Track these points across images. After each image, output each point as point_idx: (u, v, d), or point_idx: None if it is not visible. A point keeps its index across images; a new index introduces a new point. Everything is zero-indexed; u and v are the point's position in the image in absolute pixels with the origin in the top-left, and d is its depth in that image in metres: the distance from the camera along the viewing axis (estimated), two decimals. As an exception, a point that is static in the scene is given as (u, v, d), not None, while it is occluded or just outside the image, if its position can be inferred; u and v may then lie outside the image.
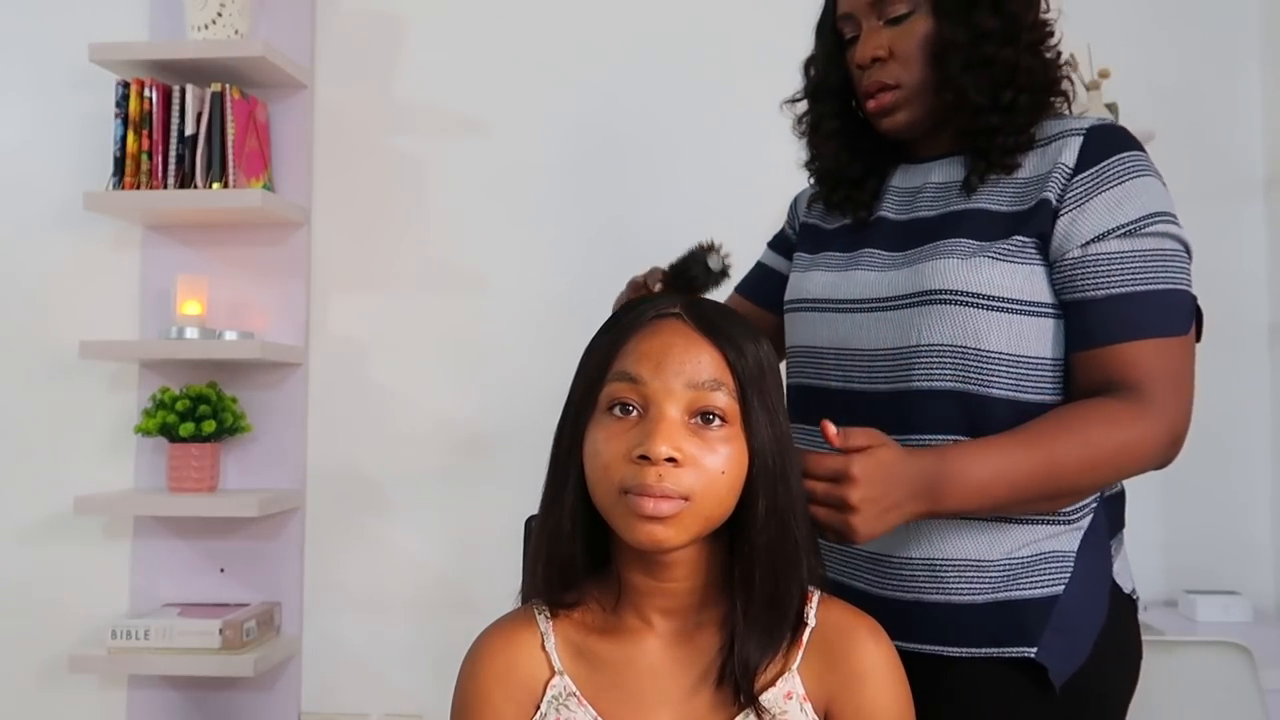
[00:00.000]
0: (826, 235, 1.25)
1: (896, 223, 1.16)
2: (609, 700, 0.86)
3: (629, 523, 0.80)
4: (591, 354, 0.87)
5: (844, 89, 1.20)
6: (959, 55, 1.08)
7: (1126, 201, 1.03)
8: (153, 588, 2.33)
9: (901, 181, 1.20)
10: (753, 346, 0.85)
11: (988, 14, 1.09)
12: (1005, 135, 1.08)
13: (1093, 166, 1.04)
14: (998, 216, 1.07)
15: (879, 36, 1.12)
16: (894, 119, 1.14)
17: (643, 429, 0.80)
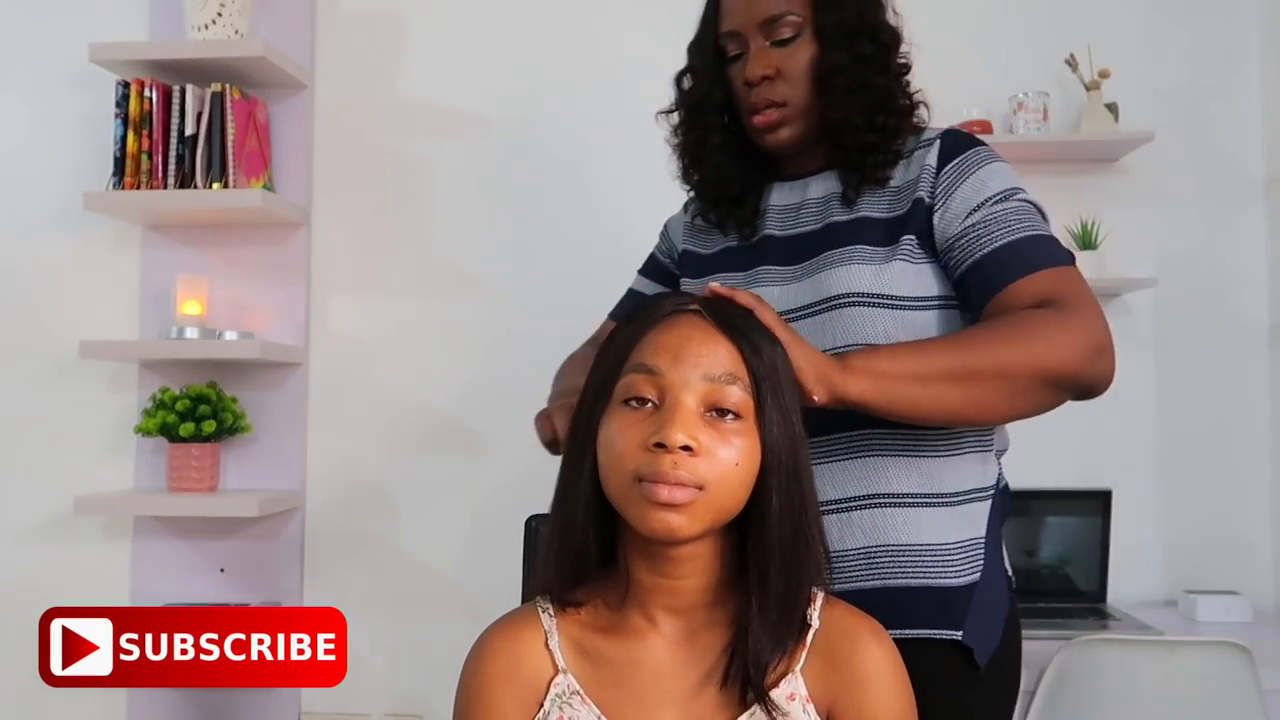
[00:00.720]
0: (712, 259, 1.27)
1: (783, 239, 1.21)
2: (612, 698, 0.86)
3: (642, 510, 0.80)
4: (608, 347, 0.88)
5: (725, 105, 1.23)
6: (842, 79, 1.16)
7: (988, 182, 1.13)
8: (153, 588, 2.33)
9: (780, 199, 1.24)
10: (768, 346, 0.86)
11: (866, 43, 1.17)
12: (878, 153, 1.17)
13: (951, 161, 1.15)
14: (882, 223, 1.16)
15: (767, 56, 1.16)
16: (778, 135, 1.19)
17: (659, 418, 0.81)
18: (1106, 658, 1.78)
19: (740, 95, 1.19)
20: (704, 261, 1.28)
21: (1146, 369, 2.41)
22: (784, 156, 1.23)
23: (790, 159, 1.24)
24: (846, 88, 1.15)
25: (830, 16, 1.16)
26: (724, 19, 1.20)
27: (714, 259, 1.27)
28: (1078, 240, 2.34)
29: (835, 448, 1.11)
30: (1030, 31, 2.44)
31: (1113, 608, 2.22)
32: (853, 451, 1.11)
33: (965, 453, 1.16)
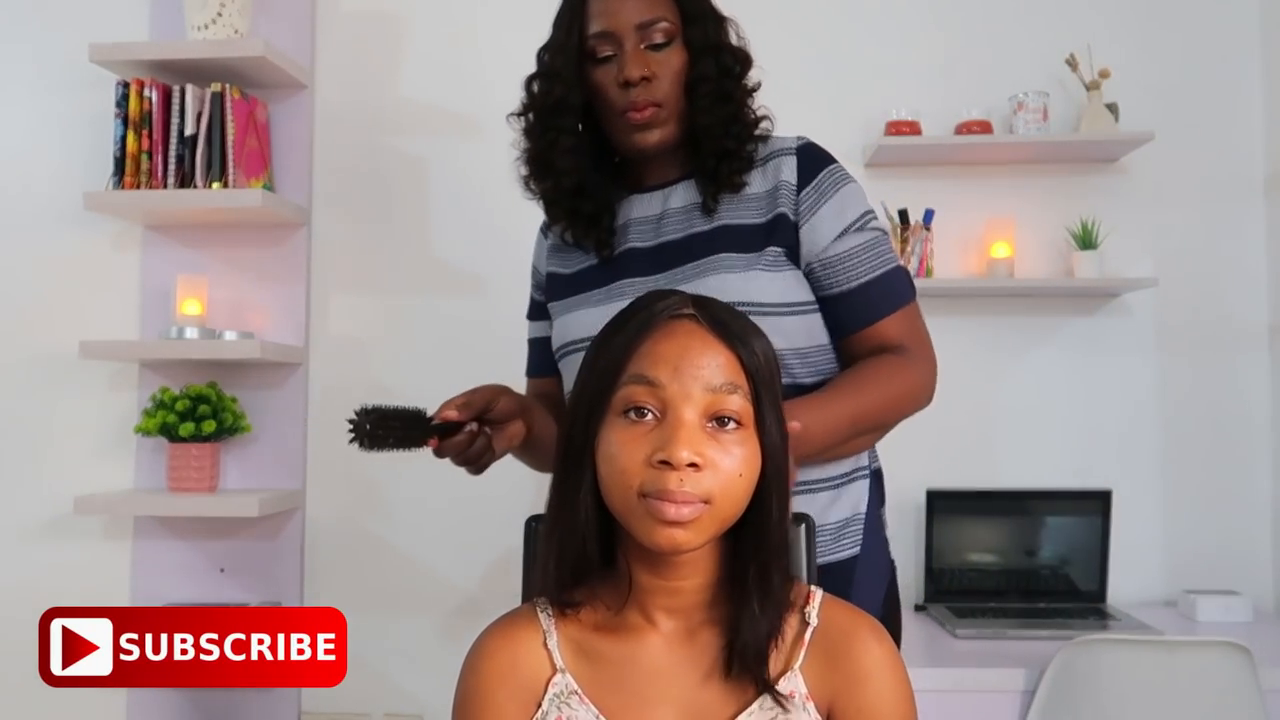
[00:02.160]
0: (574, 279, 1.29)
1: (646, 250, 1.25)
2: (611, 698, 0.86)
3: (649, 526, 0.80)
4: (601, 354, 0.87)
5: (582, 110, 1.24)
6: (709, 87, 1.22)
7: (847, 205, 1.24)
8: (153, 588, 2.33)
9: (639, 211, 1.28)
10: (761, 345, 0.86)
11: (728, 56, 1.25)
12: (734, 160, 1.22)
13: (811, 181, 1.23)
14: (746, 230, 1.21)
15: (644, 58, 1.20)
16: (651, 135, 1.22)
17: (661, 433, 0.80)
18: (1106, 658, 1.78)
19: (612, 96, 1.21)
20: (568, 281, 1.30)
21: (1146, 369, 2.41)
22: (642, 163, 1.27)
23: (648, 169, 1.27)
24: (713, 96, 1.22)
25: (697, 29, 1.23)
26: (594, 20, 1.22)
27: (577, 278, 1.29)
28: (1078, 240, 2.34)
29: None
30: (1030, 31, 2.44)
31: (1113, 608, 2.22)
32: None
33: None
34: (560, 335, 1.29)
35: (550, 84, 1.25)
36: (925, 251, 2.33)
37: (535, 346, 1.42)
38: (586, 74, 1.23)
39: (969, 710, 1.82)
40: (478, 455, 1.15)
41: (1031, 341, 2.43)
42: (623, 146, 1.25)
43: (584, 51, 1.23)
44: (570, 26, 1.24)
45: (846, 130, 2.44)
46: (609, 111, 1.23)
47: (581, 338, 1.23)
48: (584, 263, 1.29)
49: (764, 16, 2.47)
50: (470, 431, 1.14)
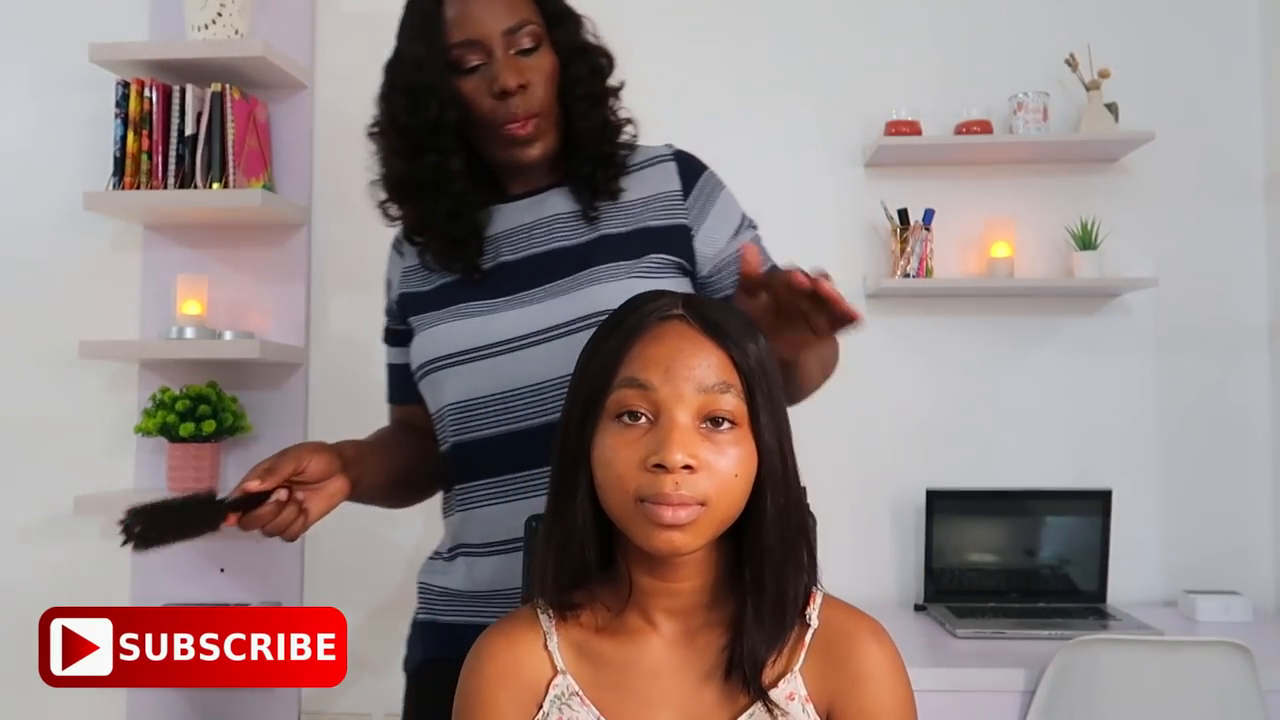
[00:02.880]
0: (437, 295, 1.21)
1: (519, 261, 1.19)
2: (611, 700, 0.85)
3: (646, 530, 0.80)
4: (593, 358, 0.86)
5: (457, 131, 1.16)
6: (584, 89, 1.18)
7: (729, 210, 1.25)
8: (153, 588, 2.33)
9: (510, 222, 1.21)
10: (753, 345, 0.85)
11: (595, 57, 1.21)
12: (610, 166, 1.19)
13: (694, 187, 1.22)
14: (625, 238, 1.17)
15: (516, 65, 1.13)
16: (533, 149, 1.16)
17: (655, 437, 0.80)
18: (1106, 658, 1.78)
19: (487, 108, 1.14)
20: (430, 298, 1.21)
21: (1147, 369, 2.41)
22: (510, 171, 1.21)
23: (518, 178, 1.22)
24: (589, 100, 1.18)
25: (562, 30, 1.18)
26: (456, 29, 1.13)
27: (441, 294, 1.20)
28: (1078, 240, 2.34)
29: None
30: (1030, 31, 2.44)
31: (1113, 608, 2.22)
32: None
33: None
34: (423, 352, 1.20)
35: (422, 101, 1.14)
36: (925, 251, 2.34)
37: (395, 373, 1.31)
38: (453, 87, 1.15)
39: (969, 710, 1.82)
40: (286, 524, 1.07)
41: (1031, 341, 2.43)
42: (500, 160, 1.18)
43: (448, 63, 1.14)
44: (430, 37, 1.15)
45: (846, 130, 2.45)
46: (484, 125, 1.15)
47: (450, 353, 1.17)
48: (444, 279, 1.21)
49: (764, 17, 2.48)
50: (278, 501, 1.06)
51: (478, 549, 1.19)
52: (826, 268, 1.13)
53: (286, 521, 1.07)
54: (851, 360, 2.53)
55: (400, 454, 1.25)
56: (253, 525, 1.05)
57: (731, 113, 2.46)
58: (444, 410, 1.19)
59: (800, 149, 2.45)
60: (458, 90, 1.14)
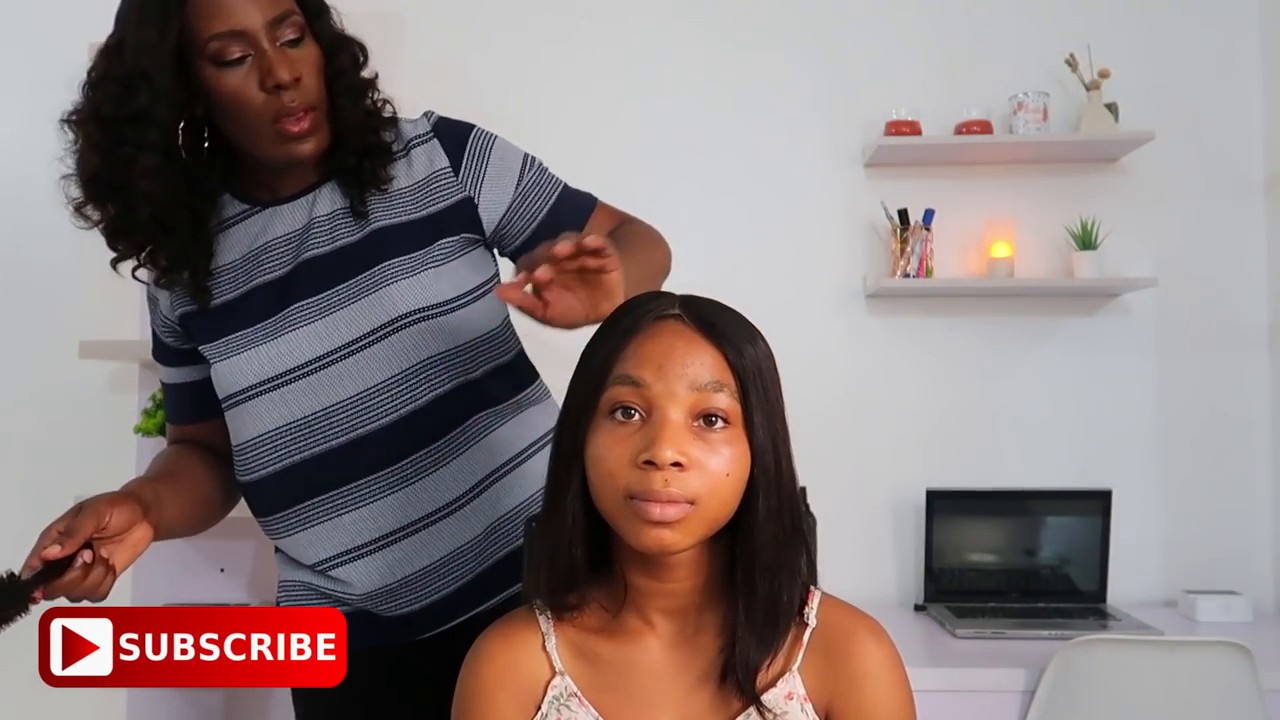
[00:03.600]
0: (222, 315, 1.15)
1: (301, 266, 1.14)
2: (610, 700, 0.86)
3: (635, 528, 0.80)
4: (590, 357, 0.86)
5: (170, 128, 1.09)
6: (348, 81, 1.14)
7: (507, 157, 1.21)
8: (153, 588, 2.33)
9: (285, 226, 1.16)
10: (750, 346, 0.85)
11: (355, 47, 1.17)
12: (377, 155, 1.16)
13: (462, 157, 1.19)
14: (406, 228, 1.15)
15: (286, 57, 1.07)
16: (307, 145, 1.10)
17: (646, 434, 0.80)
18: (1106, 658, 1.78)
19: (257, 103, 1.07)
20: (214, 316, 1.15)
21: (1146, 369, 2.41)
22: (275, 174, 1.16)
23: (280, 178, 1.17)
24: (353, 91, 1.14)
25: (320, 22, 1.14)
26: (215, 19, 1.05)
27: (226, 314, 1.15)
28: (1077, 240, 2.34)
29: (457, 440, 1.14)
30: (1030, 31, 2.44)
31: (1113, 608, 2.22)
32: (472, 437, 1.15)
33: (544, 397, 1.25)
34: (227, 382, 1.14)
35: (130, 89, 1.05)
36: (925, 251, 2.34)
37: (178, 392, 1.25)
38: (198, 78, 1.07)
39: (969, 710, 1.82)
40: (95, 586, 0.98)
41: (1031, 341, 2.43)
42: (271, 157, 1.12)
43: (197, 53, 1.06)
44: (164, 24, 1.05)
45: (846, 130, 2.45)
46: (251, 119, 1.08)
47: (253, 384, 1.13)
48: (225, 295, 1.15)
49: (765, 18, 2.48)
50: (84, 564, 0.97)
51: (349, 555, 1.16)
52: (827, 267, 1.13)
53: (95, 583, 0.99)
54: (852, 360, 2.55)
55: (196, 485, 1.20)
56: (58, 593, 0.97)
57: (732, 113, 2.46)
58: (263, 437, 1.14)
59: (800, 149, 2.45)
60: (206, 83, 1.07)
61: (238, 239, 1.18)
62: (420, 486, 1.13)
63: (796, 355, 1.42)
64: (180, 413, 1.27)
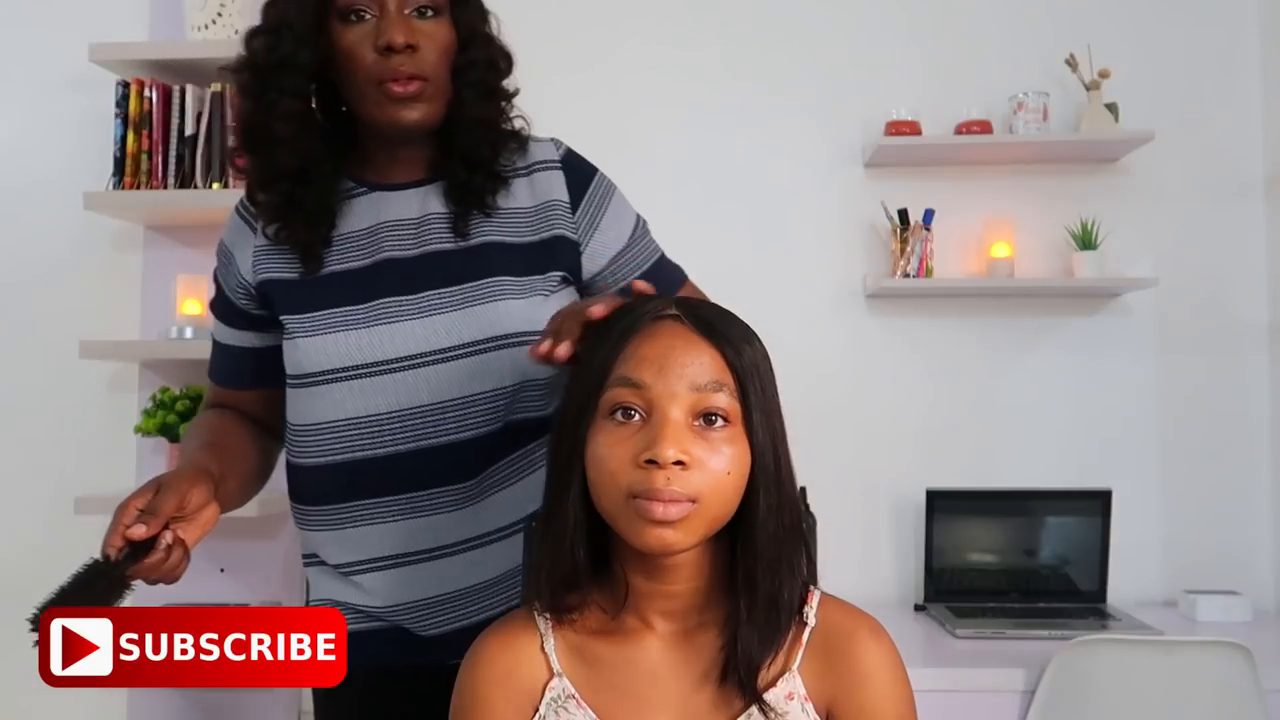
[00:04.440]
0: (314, 290, 1.11)
1: (407, 260, 1.11)
2: (609, 702, 0.85)
3: (637, 527, 0.80)
4: (588, 359, 0.87)
5: (312, 73, 1.08)
6: (478, 75, 1.11)
7: (622, 216, 1.20)
8: (153, 587, 2.31)
9: (395, 212, 1.13)
10: (748, 346, 0.85)
11: (494, 51, 1.15)
12: (486, 175, 1.12)
13: (582, 198, 1.17)
14: (519, 249, 1.12)
15: (408, 24, 1.06)
16: (411, 111, 1.07)
17: (648, 433, 0.80)
18: (1106, 658, 1.78)
19: (368, 61, 1.06)
20: (308, 294, 1.11)
21: (1146, 369, 2.41)
22: (386, 156, 1.13)
23: (394, 163, 1.14)
24: (480, 88, 1.11)
25: (465, 11, 1.12)
26: None
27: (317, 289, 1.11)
28: (1077, 240, 2.34)
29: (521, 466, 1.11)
30: (1030, 31, 2.44)
31: (1113, 608, 2.22)
32: (527, 467, 1.11)
33: None
34: (309, 361, 1.10)
35: (278, 37, 1.06)
36: (925, 251, 2.34)
37: (233, 355, 1.21)
38: (330, 34, 1.07)
39: (969, 710, 1.82)
40: (175, 567, 0.96)
41: (1031, 341, 2.43)
42: (375, 121, 1.09)
43: (328, 7, 1.06)
44: None
45: (846, 130, 2.45)
46: (360, 79, 1.07)
47: (337, 368, 1.09)
48: (331, 267, 1.12)
49: (764, 18, 2.48)
50: (166, 545, 0.95)
51: (373, 564, 1.12)
52: (827, 268, 1.13)
53: (174, 565, 0.96)
54: (852, 360, 2.55)
55: (244, 458, 1.16)
56: (139, 576, 0.95)
57: (732, 114, 2.46)
58: (332, 425, 1.10)
59: (800, 149, 2.46)
60: (334, 38, 1.07)
61: (353, 213, 1.14)
62: (480, 508, 1.10)
63: (797, 355, 1.42)
64: (230, 376, 1.23)
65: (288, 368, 1.13)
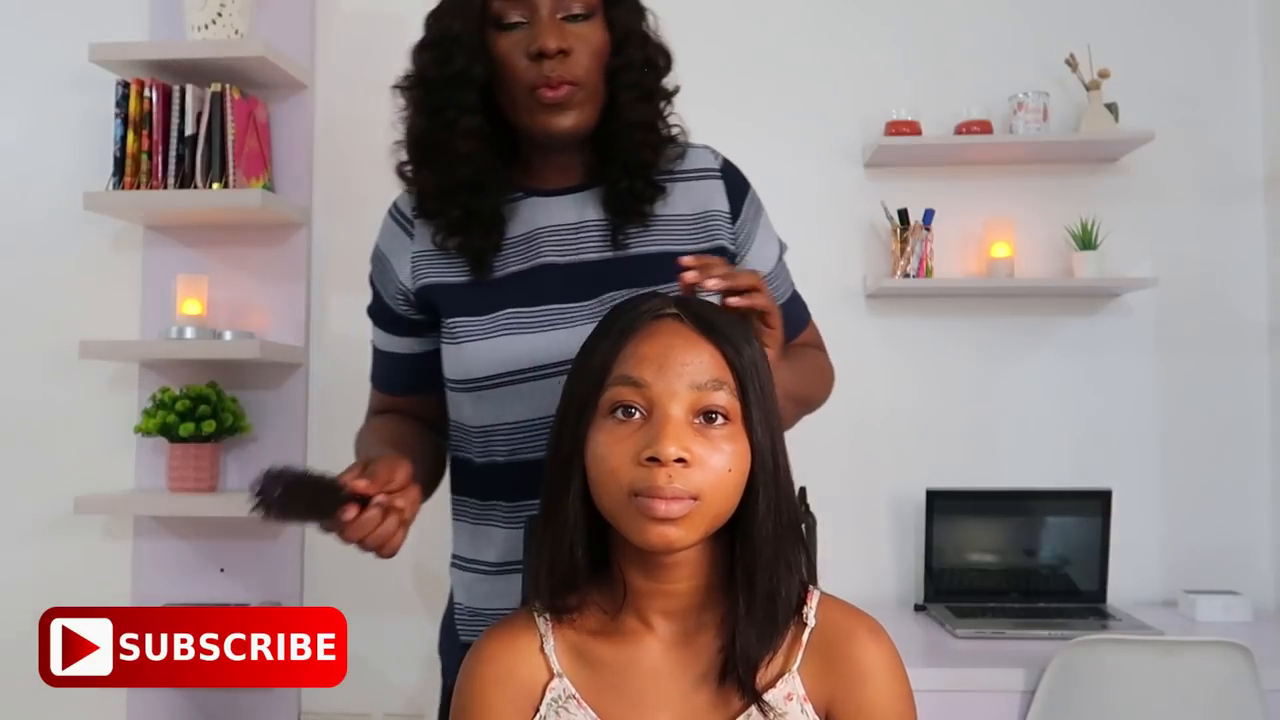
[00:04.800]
0: (482, 295, 1.11)
1: (565, 267, 1.10)
2: (609, 702, 0.85)
3: (639, 525, 0.80)
4: (588, 358, 0.87)
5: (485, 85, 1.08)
6: (633, 77, 1.09)
7: (769, 235, 1.22)
8: (153, 588, 2.33)
9: (552, 218, 1.13)
10: (746, 344, 0.86)
11: (651, 50, 1.12)
12: (644, 182, 1.10)
13: (741, 211, 1.17)
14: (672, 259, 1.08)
15: (560, 29, 1.05)
16: (564, 118, 1.07)
17: (649, 431, 0.80)
18: (1106, 658, 1.78)
19: (520, 69, 1.05)
20: (472, 299, 1.11)
21: (1146, 369, 2.41)
22: (542, 162, 1.12)
23: (549, 168, 1.13)
24: (636, 89, 1.09)
25: (620, 10, 1.09)
26: None
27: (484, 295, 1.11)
28: (1077, 240, 2.34)
29: None
30: (1030, 31, 2.44)
31: (1113, 608, 2.22)
32: None
33: None
34: (478, 364, 1.11)
35: (448, 52, 1.07)
36: (925, 251, 2.34)
37: (396, 362, 1.22)
38: (488, 42, 1.07)
39: (969, 710, 1.82)
40: (389, 535, 0.93)
41: (1031, 341, 2.43)
42: (529, 128, 1.08)
43: (486, 16, 1.06)
44: None
45: (846, 130, 2.45)
46: (514, 86, 1.06)
47: (516, 369, 1.09)
48: (499, 271, 1.12)
49: (764, 16, 2.48)
50: (381, 507, 0.92)
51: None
52: (826, 267, 1.12)
53: (389, 532, 0.93)
54: (852, 360, 2.53)
55: (425, 457, 1.17)
56: (356, 534, 0.91)
57: (731, 113, 2.46)
58: (501, 426, 1.11)
59: (800, 149, 2.45)
60: (490, 46, 1.06)
61: (512, 218, 1.14)
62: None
63: (796, 355, 1.42)
64: (395, 383, 1.24)
65: (452, 372, 1.14)
